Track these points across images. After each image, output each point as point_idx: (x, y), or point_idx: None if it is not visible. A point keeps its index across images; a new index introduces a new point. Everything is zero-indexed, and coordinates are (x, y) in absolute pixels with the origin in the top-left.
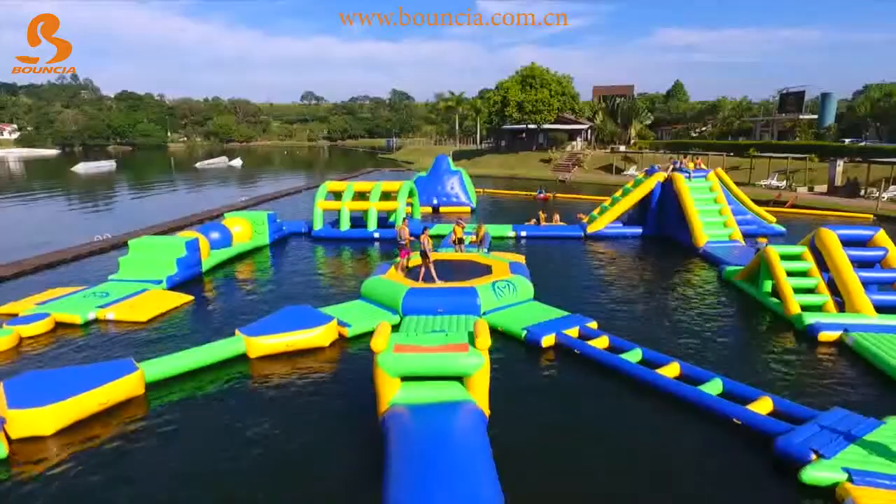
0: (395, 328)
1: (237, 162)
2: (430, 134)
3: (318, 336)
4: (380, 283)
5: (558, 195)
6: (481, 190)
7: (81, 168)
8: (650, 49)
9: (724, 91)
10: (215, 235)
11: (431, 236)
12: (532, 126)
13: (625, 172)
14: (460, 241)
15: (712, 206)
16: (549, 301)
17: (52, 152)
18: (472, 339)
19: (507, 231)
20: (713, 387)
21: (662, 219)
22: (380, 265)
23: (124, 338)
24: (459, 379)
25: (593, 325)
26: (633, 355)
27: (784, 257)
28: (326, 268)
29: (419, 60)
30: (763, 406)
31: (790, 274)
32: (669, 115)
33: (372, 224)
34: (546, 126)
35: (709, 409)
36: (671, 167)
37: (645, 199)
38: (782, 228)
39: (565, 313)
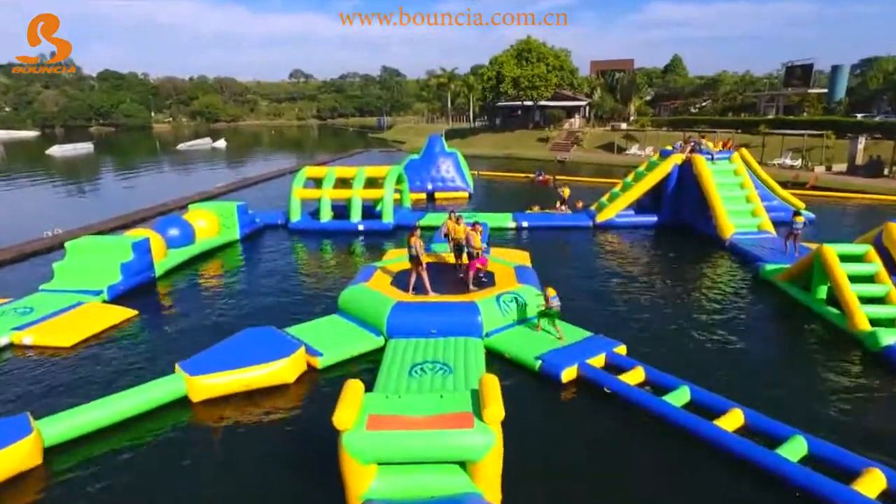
0: (377, 355)
1: (221, 143)
2: (422, 112)
3: (282, 370)
4: (361, 295)
5: (557, 177)
6: (475, 172)
7: (56, 151)
8: (643, 25)
9: (723, 66)
10: (173, 232)
11: (423, 227)
12: (528, 103)
13: (627, 152)
14: (458, 246)
15: (738, 192)
16: (562, 311)
17: (32, 134)
18: (476, 403)
19: (507, 221)
20: (794, 448)
21: (679, 206)
22: (362, 268)
23: (34, 374)
24: (461, 462)
25: (622, 349)
26: (679, 396)
27: (844, 258)
28: (304, 267)
29: (411, 38)
30: (872, 483)
31: (852, 279)
32: (668, 90)
33: (356, 215)
34: (542, 103)
35: (796, 485)
36: (690, 148)
37: (659, 183)
38: (811, 215)
39: (585, 333)
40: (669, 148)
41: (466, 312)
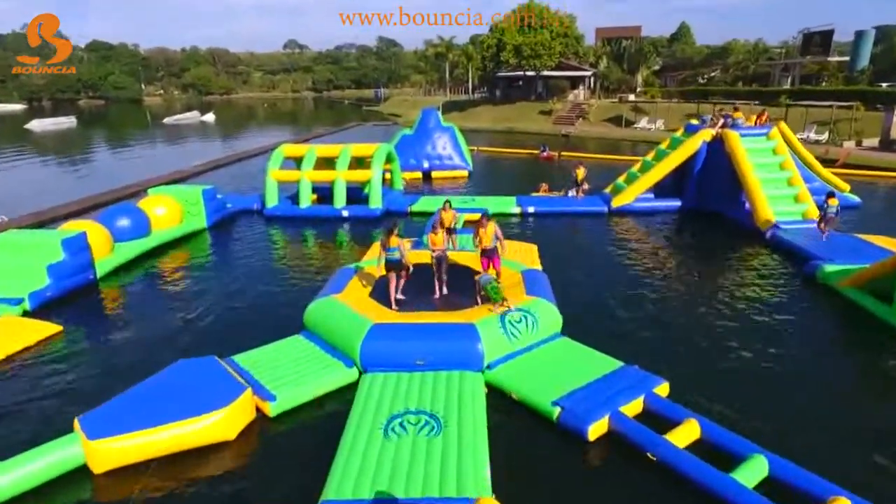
0: (350, 393)
1: (210, 117)
2: (420, 84)
3: (220, 424)
4: (330, 312)
5: (563, 154)
6: (474, 148)
7: (36, 125)
8: None
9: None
10: (123, 223)
11: (416, 213)
12: (530, 73)
13: (636, 125)
14: (449, 231)
15: (778, 174)
16: (580, 329)
17: (18, 107)
18: None
19: (511, 206)
20: None
21: (707, 189)
22: (336, 273)
23: None
24: None
25: (664, 388)
26: (754, 468)
27: None
28: (277, 263)
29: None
30: None
31: None
32: (675, 59)
33: (339, 200)
34: (546, 73)
35: None
36: (721, 122)
37: (683, 163)
38: (856, 199)
39: (615, 363)
40: (695, 122)
41: (462, 338)
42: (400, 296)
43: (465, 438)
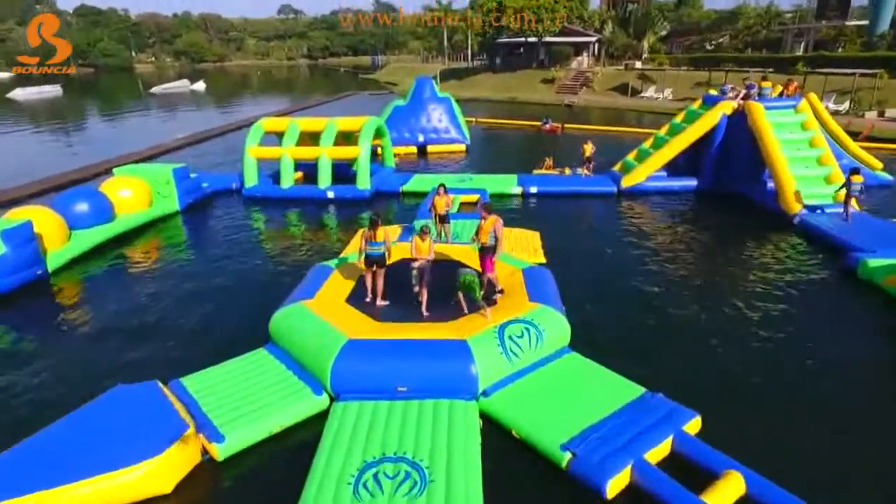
0: (318, 425)
1: (200, 85)
2: (418, 50)
3: (152, 475)
4: (297, 322)
5: (567, 126)
6: (473, 119)
7: (20, 94)
8: None
9: None
10: (81, 208)
11: (408, 194)
12: (532, 39)
13: (642, 94)
14: (442, 218)
15: (808, 152)
16: (589, 338)
17: (5, 75)
18: None
19: (511, 185)
20: None
21: (726, 168)
22: (311, 271)
23: None
24: None
25: (695, 424)
26: None
27: None
28: (253, 252)
29: None
30: None
31: None
32: (681, 24)
33: (324, 179)
34: (548, 39)
35: None
36: (742, 93)
37: (700, 138)
38: (889, 177)
39: (635, 390)
40: (714, 93)
41: (452, 358)
42: (381, 301)
43: (456, 495)
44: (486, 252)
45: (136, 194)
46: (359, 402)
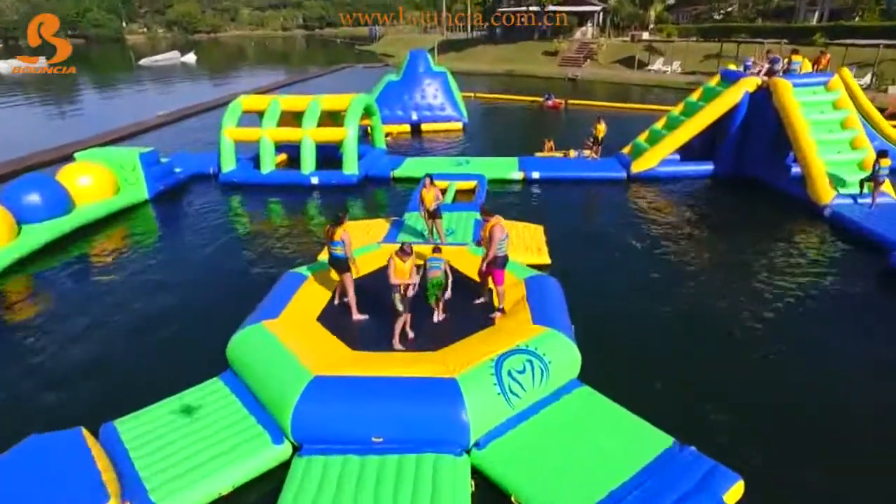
0: (277, 479)
1: (190, 57)
2: (417, 20)
3: None
4: (259, 348)
5: (571, 102)
6: (472, 94)
7: (2, 66)
8: None
9: None
10: (32, 199)
11: (400, 179)
12: (534, 8)
13: (650, 67)
14: (432, 214)
15: (840, 135)
16: (600, 364)
17: None
18: None
19: (512, 170)
20: None
21: (747, 151)
22: (280, 280)
23: None
24: None
25: (737, 490)
26: None
27: None
28: (230, 247)
29: None
30: None
31: None
32: None
33: (308, 164)
34: (551, 7)
35: None
36: (766, 67)
37: (719, 119)
38: None
39: (662, 440)
40: (734, 67)
41: (438, 401)
42: (357, 315)
43: None
44: (496, 265)
45: (97, 182)
46: (325, 456)
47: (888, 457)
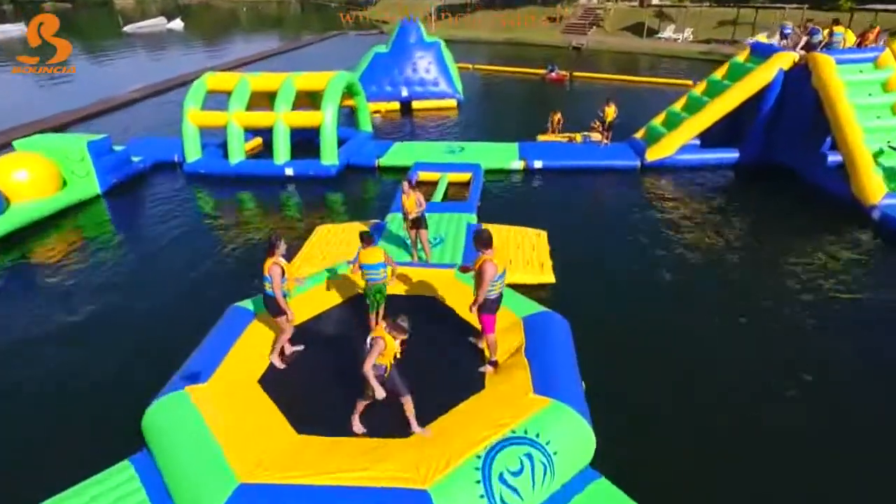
0: None
1: (177, 24)
2: None
3: None
4: (175, 432)
5: (575, 74)
6: (470, 66)
7: None
8: None
9: None
10: None
11: (386, 168)
12: None
13: (660, 35)
14: (415, 223)
15: (892, 121)
16: (618, 438)
17: None
18: None
19: (511, 159)
20: None
21: (779, 138)
22: (221, 320)
23: None
24: None
25: None
26: None
27: None
28: (195, 256)
29: None
30: None
31: None
32: None
33: (282, 153)
34: None
35: None
36: (804, 40)
37: (747, 100)
38: None
39: None
40: (765, 40)
41: None
42: (277, 361)
43: None
44: (485, 309)
45: (37, 176)
46: None
47: None
